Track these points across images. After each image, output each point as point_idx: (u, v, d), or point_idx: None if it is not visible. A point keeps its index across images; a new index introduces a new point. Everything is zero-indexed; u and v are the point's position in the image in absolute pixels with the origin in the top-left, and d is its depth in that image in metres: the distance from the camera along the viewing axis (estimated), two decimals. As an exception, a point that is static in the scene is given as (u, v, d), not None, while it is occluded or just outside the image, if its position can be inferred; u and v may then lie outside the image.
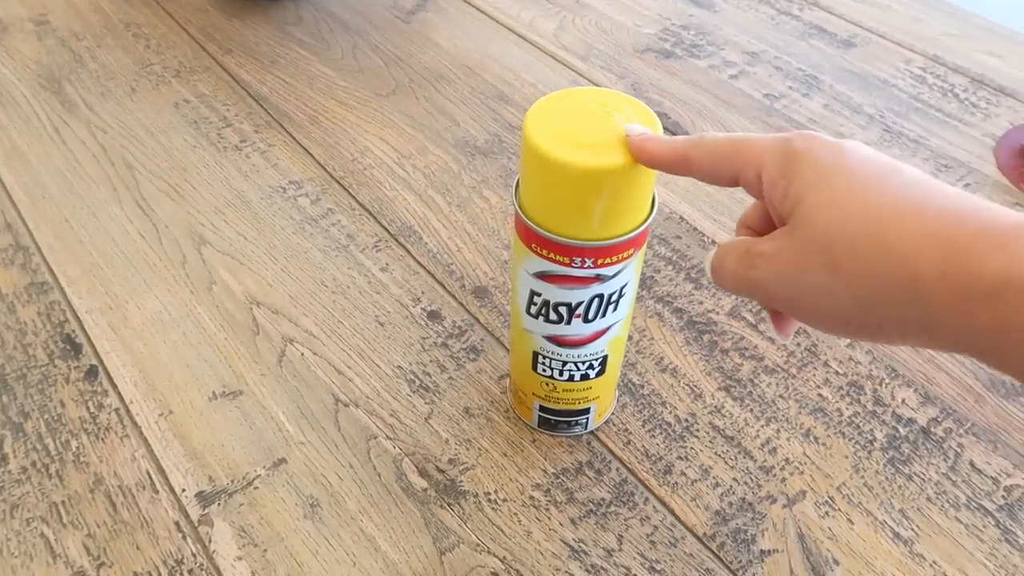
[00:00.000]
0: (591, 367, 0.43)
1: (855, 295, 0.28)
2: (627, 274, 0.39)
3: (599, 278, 0.38)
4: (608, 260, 0.38)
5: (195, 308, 0.55)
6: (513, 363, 0.47)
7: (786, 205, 0.30)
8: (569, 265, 0.38)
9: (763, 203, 0.32)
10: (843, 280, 0.28)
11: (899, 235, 0.27)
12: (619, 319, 0.41)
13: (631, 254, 0.38)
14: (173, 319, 0.54)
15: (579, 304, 0.40)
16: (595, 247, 0.37)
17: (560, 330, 0.41)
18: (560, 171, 0.35)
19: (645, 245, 0.40)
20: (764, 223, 0.34)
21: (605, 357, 0.43)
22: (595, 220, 0.36)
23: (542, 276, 0.39)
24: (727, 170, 0.32)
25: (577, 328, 0.41)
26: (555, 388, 0.45)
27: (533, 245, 0.38)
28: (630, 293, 0.41)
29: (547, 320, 0.41)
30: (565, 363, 0.43)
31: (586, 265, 0.38)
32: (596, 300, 0.40)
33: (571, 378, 0.44)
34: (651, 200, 0.38)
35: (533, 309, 0.41)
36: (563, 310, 0.40)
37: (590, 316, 0.40)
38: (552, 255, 0.38)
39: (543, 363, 0.43)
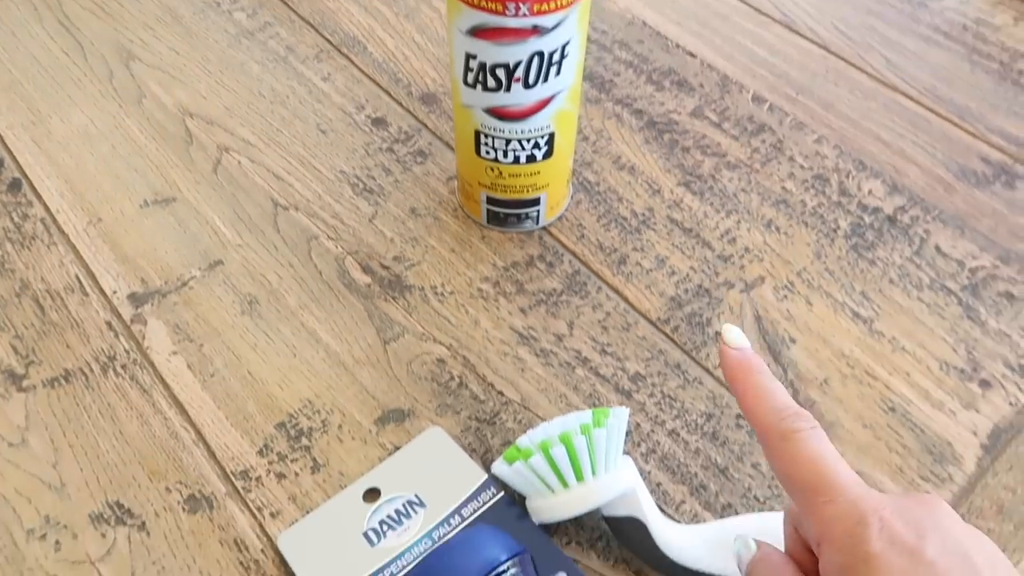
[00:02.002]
0: (537, 146, 0.41)
1: None
2: (569, 28, 0.36)
3: (537, 30, 0.35)
4: (546, 7, 0.34)
5: (124, 121, 0.51)
6: (457, 150, 0.44)
7: None
8: (503, 13, 0.35)
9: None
10: None
11: None
12: (563, 87, 0.39)
13: (572, 1, 0.35)
14: (100, 132, 0.51)
15: (517, 65, 0.37)
16: (530, -11, 0.34)
17: (500, 99, 0.38)
18: None
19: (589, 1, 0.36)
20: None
21: (552, 135, 0.40)
22: (528, -44, 0.33)
23: (476, 32, 0.36)
24: (791, 497, 0.26)
25: (518, 95, 0.38)
26: (501, 173, 0.42)
27: (464, -5, 0.35)
28: (574, 55, 0.38)
29: (485, 88, 0.38)
30: (509, 141, 0.40)
31: (521, 12, 0.34)
32: (536, 60, 0.36)
33: (516, 160, 0.41)
34: (592, -61, 0.34)
35: (470, 76, 0.38)
36: (501, 73, 0.37)
37: (531, 80, 0.37)
38: (484, 2, 0.34)
39: (486, 143, 0.41)
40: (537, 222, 0.45)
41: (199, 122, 0.51)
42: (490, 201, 0.44)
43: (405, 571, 0.33)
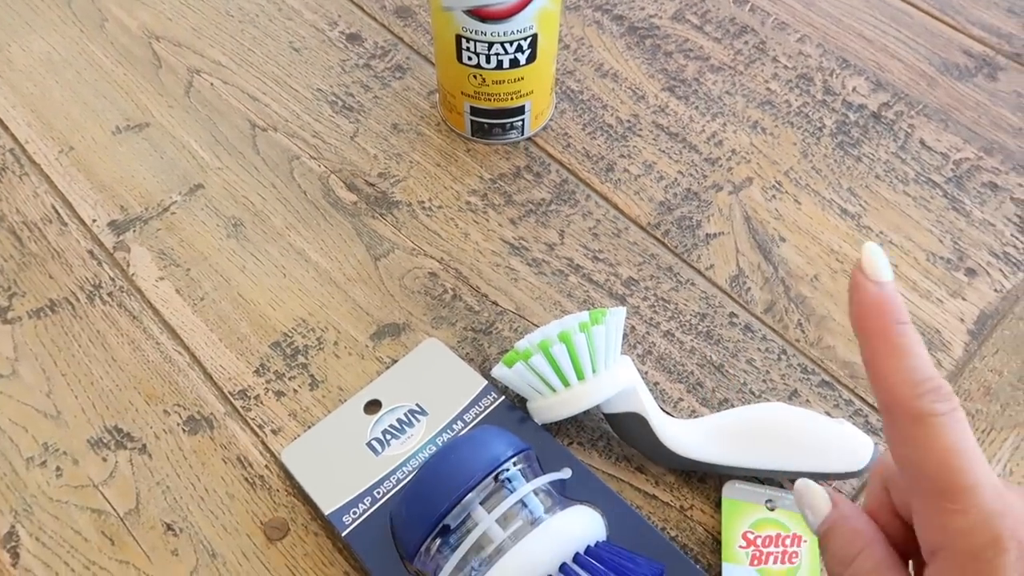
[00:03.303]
0: (520, 49, 0.40)
1: None
2: (550, -79, 0.35)
3: (517, -77, 0.34)
4: None
5: (87, 46, 0.49)
6: (437, 60, 0.43)
7: None
8: (482, -94, 0.33)
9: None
10: None
11: None
12: (546, -15, 0.37)
13: None
14: (64, 59, 0.49)
15: (498, -38, 0.35)
16: None
17: (481, -1, 0.37)
18: None
19: None
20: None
21: (535, 36, 0.39)
22: None
23: (454, -72, 0.35)
24: (910, 488, 0.22)
25: (499, -5, 0.37)
26: (484, 81, 0.41)
27: None
28: (556, -49, 0.36)
29: (465, -12, 0.37)
30: (491, 44, 0.39)
31: (501, -97, 0.33)
32: (517, -44, 0.35)
33: (500, 65, 0.40)
34: None
35: (449, -23, 0.37)
36: (481, -28, 0.36)
37: (512, -24, 0.36)
38: None
39: (468, 48, 0.40)
40: (522, 132, 0.45)
41: (166, 44, 0.49)
42: (474, 112, 0.43)
43: (412, 475, 0.33)
